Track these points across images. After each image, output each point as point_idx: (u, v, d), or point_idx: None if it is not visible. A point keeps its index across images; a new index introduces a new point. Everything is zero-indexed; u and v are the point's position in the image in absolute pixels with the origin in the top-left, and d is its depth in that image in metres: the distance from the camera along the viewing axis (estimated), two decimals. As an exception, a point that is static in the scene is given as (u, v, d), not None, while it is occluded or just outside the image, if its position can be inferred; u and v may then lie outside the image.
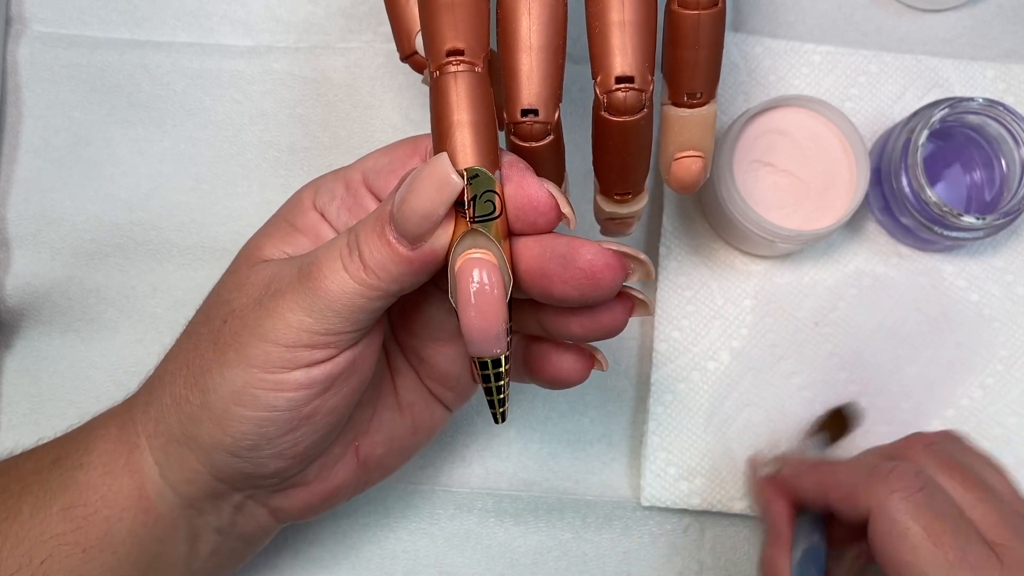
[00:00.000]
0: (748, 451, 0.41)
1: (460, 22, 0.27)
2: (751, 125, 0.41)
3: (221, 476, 0.30)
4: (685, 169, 0.31)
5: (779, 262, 0.43)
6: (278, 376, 0.27)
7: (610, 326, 0.29)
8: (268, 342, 0.27)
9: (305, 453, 0.29)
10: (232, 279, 0.30)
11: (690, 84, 0.29)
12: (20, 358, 0.42)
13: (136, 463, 0.30)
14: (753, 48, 0.44)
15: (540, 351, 0.31)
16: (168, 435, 0.29)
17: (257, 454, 0.28)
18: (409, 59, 0.34)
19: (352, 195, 0.30)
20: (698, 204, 0.44)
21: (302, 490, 0.32)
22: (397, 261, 0.26)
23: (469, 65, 0.27)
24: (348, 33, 0.45)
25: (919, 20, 0.46)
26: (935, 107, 0.39)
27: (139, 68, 0.44)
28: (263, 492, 0.31)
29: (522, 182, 0.27)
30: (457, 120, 0.26)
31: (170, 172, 0.43)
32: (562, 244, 0.26)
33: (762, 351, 0.42)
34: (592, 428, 0.42)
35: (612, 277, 0.26)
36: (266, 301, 0.27)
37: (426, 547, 0.41)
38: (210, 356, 0.28)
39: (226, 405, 0.28)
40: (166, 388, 0.30)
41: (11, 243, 0.42)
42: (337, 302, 0.26)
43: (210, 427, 0.28)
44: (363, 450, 0.33)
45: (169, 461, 0.30)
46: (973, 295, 0.43)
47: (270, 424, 0.28)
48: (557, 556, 0.41)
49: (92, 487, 0.30)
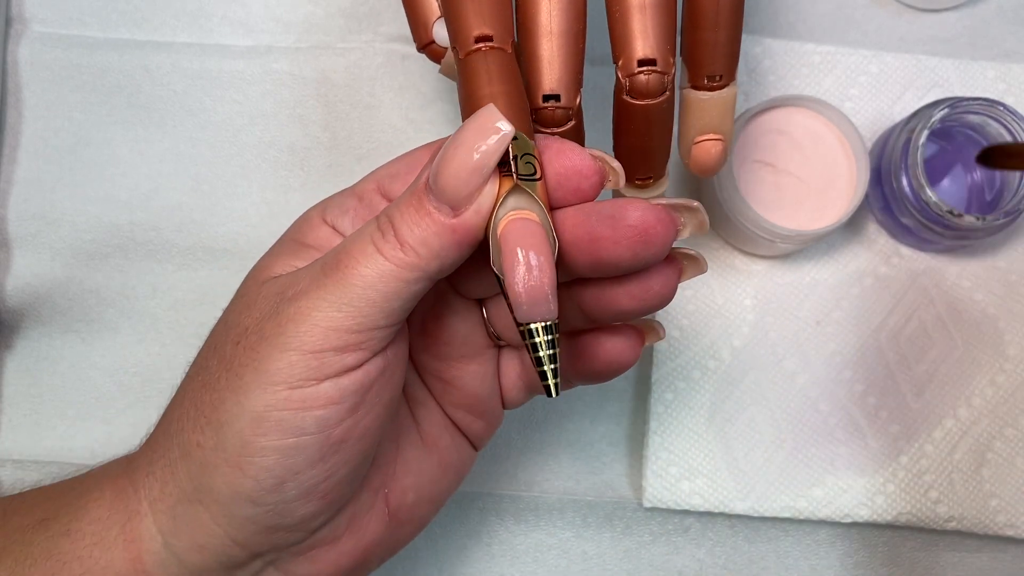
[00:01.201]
0: (749, 451, 0.41)
1: (485, 9, 0.27)
2: (751, 125, 0.41)
3: (239, 536, 0.26)
4: (705, 152, 0.31)
5: (779, 262, 0.43)
6: (304, 391, 0.24)
7: (662, 292, 0.27)
8: (291, 351, 0.24)
9: (336, 491, 0.26)
10: (240, 302, 0.27)
11: (710, 67, 0.29)
12: (20, 358, 0.42)
13: (133, 532, 0.27)
14: (753, 48, 0.45)
15: (584, 342, 0.30)
16: (178, 495, 0.26)
17: (282, 496, 0.25)
18: (426, 48, 0.33)
19: (366, 205, 0.28)
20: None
21: (330, 550, 0.28)
22: (439, 232, 0.24)
23: (498, 49, 0.27)
24: (348, 33, 0.45)
25: (919, 20, 0.46)
26: (935, 107, 0.39)
27: (139, 68, 0.44)
28: (287, 556, 0.27)
29: (563, 151, 0.25)
30: (490, 92, 0.26)
31: (170, 173, 0.43)
32: (607, 205, 0.25)
33: (763, 350, 0.42)
34: (592, 428, 0.42)
35: (664, 231, 0.25)
36: (284, 307, 0.25)
37: (426, 546, 0.41)
38: (224, 385, 0.25)
39: (245, 438, 0.24)
40: (172, 439, 0.26)
41: (11, 243, 0.42)
42: (372, 288, 0.24)
43: (227, 471, 0.25)
44: (393, 497, 0.29)
45: (177, 527, 0.26)
46: (977, 294, 0.43)
47: (297, 454, 0.24)
48: (557, 555, 0.41)
49: (77, 559, 0.26)
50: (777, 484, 0.41)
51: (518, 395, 0.32)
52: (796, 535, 0.42)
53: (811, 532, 0.42)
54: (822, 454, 0.41)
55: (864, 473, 0.41)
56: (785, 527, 0.42)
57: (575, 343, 0.30)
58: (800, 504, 0.41)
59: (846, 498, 0.41)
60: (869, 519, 0.41)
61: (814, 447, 0.41)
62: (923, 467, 0.41)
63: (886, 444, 0.41)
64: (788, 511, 0.41)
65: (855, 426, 0.42)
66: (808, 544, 0.42)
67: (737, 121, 0.40)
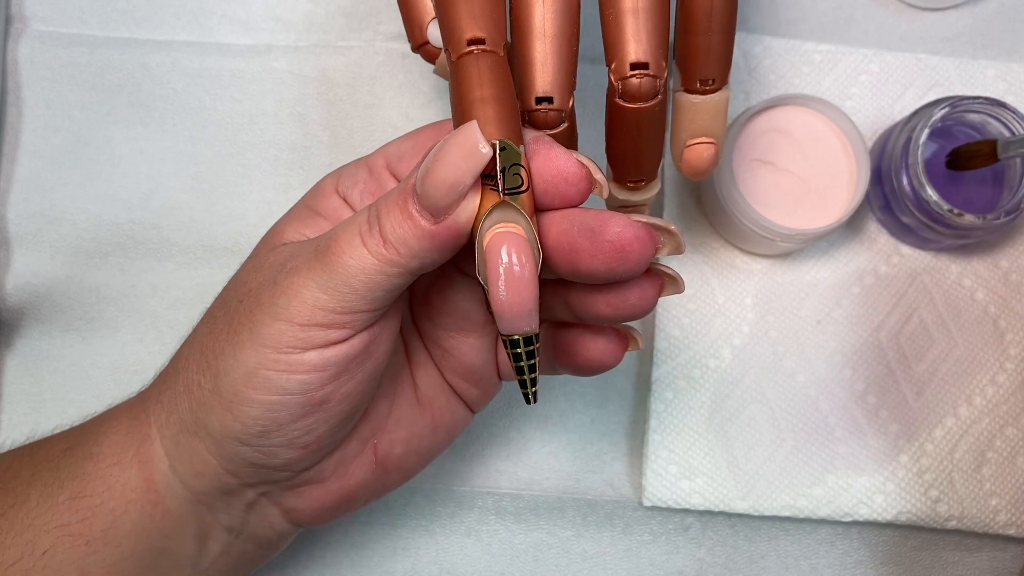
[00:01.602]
0: (749, 450, 0.41)
1: (478, 11, 0.27)
2: (751, 124, 0.41)
3: (231, 468, 0.29)
4: (697, 156, 0.31)
5: (780, 261, 0.43)
6: (291, 357, 0.26)
7: (638, 305, 0.28)
8: (281, 320, 0.26)
9: (317, 443, 0.29)
10: (251, 262, 0.29)
11: (703, 70, 0.29)
12: (21, 357, 0.42)
13: (146, 454, 0.29)
14: (753, 47, 0.44)
15: (570, 336, 0.31)
16: (180, 424, 0.29)
17: (267, 442, 0.28)
18: (420, 49, 0.34)
19: (375, 180, 0.30)
20: (698, 203, 0.44)
21: (317, 488, 0.31)
22: (419, 236, 0.25)
23: (490, 51, 0.27)
24: (348, 32, 0.45)
25: (920, 19, 0.46)
26: (936, 106, 0.39)
27: (139, 67, 0.44)
28: (276, 489, 0.30)
29: (550, 154, 0.26)
30: (480, 96, 0.26)
31: (170, 171, 0.43)
32: (590, 217, 0.26)
33: (764, 349, 0.42)
34: (592, 427, 0.42)
35: (641, 250, 0.26)
36: (281, 279, 0.27)
37: (426, 545, 0.41)
38: (224, 338, 0.28)
39: (237, 388, 0.27)
40: (179, 375, 0.29)
41: (11, 242, 0.42)
42: (355, 278, 0.26)
43: (220, 412, 0.27)
44: (381, 448, 0.32)
45: (180, 452, 0.29)
46: (978, 293, 0.43)
47: (281, 409, 0.27)
48: (557, 553, 0.41)
49: (100, 477, 0.29)
50: (777, 483, 0.41)
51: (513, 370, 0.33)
52: (796, 534, 0.42)
53: (811, 531, 0.42)
54: (822, 453, 0.41)
55: (864, 472, 0.41)
56: (785, 526, 0.42)
57: (561, 335, 0.31)
58: (800, 503, 0.41)
59: (846, 497, 0.41)
60: (869, 518, 0.41)
61: (814, 446, 0.41)
62: (923, 466, 0.41)
63: (886, 443, 0.41)
64: (788, 510, 0.41)
65: (855, 425, 0.42)
66: (808, 543, 0.42)
67: (737, 120, 0.40)
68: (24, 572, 0.29)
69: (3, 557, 0.29)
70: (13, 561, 0.29)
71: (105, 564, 0.29)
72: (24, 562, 0.29)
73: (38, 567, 0.29)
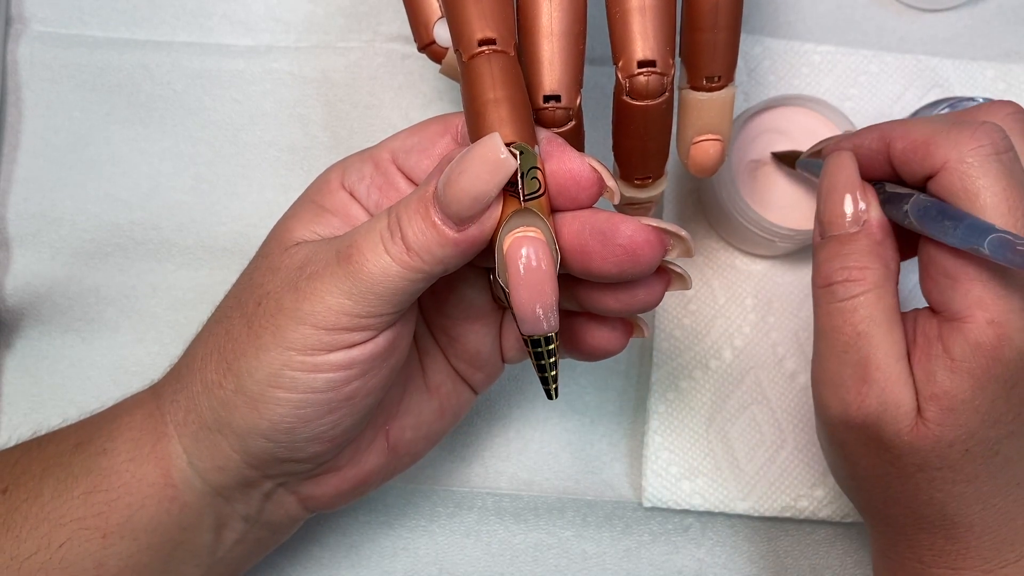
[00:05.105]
0: (750, 450, 0.41)
1: (488, 12, 0.27)
2: (751, 124, 0.41)
3: (254, 463, 0.29)
4: (704, 153, 0.31)
5: (780, 261, 0.43)
6: (316, 358, 0.27)
7: (646, 300, 0.29)
8: (307, 325, 0.27)
9: (342, 436, 0.29)
10: (264, 263, 0.29)
11: (709, 67, 0.30)
12: (20, 357, 0.42)
13: (163, 451, 0.30)
14: (753, 48, 0.45)
15: (577, 324, 0.31)
16: (199, 422, 0.29)
17: (293, 438, 0.28)
18: (427, 49, 0.34)
19: (382, 175, 0.30)
20: (698, 204, 0.44)
21: (333, 476, 0.32)
22: (443, 243, 0.26)
23: (501, 52, 0.27)
24: (348, 33, 0.45)
25: (919, 20, 0.46)
26: (935, 107, 0.39)
27: (139, 68, 0.44)
28: (295, 479, 0.31)
29: (563, 157, 0.26)
30: (493, 97, 0.26)
31: (170, 172, 0.43)
32: (601, 220, 0.26)
33: (764, 349, 0.42)
34: (593, 428, 0.42)
35: (651, 253, 0.26)
36: (303, 284, 0.27)
37: (426, 545, 0.41)
38: (244, 340, 0.28)
39: (262, 389, 0.27)
40: (196, 375, 0.29)
41: (11, 243, 0.42)
42: (379, 284, 0.26)
43: (245, 411, 0.28)
44: (393, 434, 0.33)
45: (199, 449, 0.30)
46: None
47: (308, 406, 0.28)
48: (557, 554, 0.41)
49: (115, 473, 0.30)
50: (778, 484, 0.41)
51: (517, 355, 0.35)
52: (796, 535, 0.42)
53: (811, 532, 0.42)
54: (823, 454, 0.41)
55: (864, 473, 0.41)
56: (785, 527, 0.42)
57: (568, 322, 0.32)
58: (801, 504, 0.41)
59: (847, 498, 0.41)
60: (869, 519, 0.41)
61: (816, 447, 0.41)
62: (923, 467, 0.41)
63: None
64: (789, 511, 0.41)
65: (855, 426, 0.42)
66: (808, 544, 0.42)
67: (737, 120, 0.40)
68: (41, 565, 0.29)
69: (19, 550, 0.29)
70: (30, 554, 0.29)
71: (122, 557, 0.30)
72: (41, 555, 0.29)
73: (55, 560, 0.29)
